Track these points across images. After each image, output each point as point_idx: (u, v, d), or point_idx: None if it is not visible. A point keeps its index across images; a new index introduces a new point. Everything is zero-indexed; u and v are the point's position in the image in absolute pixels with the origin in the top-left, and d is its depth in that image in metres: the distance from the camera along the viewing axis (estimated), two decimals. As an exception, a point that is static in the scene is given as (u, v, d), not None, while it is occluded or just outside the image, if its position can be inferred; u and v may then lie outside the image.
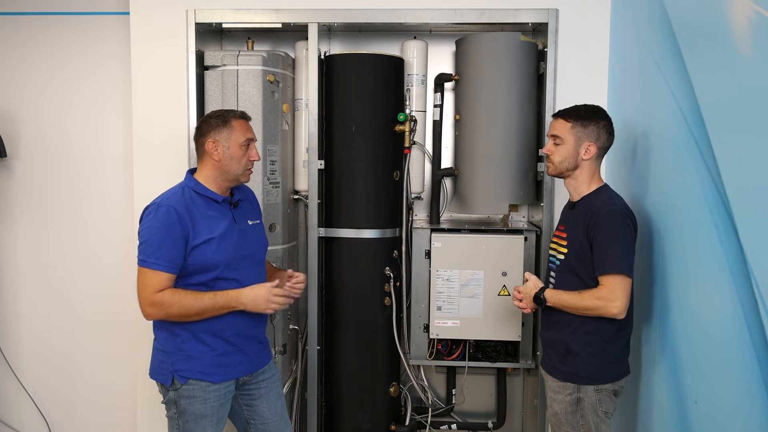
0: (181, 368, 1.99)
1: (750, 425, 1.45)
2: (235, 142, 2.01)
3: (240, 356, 2.06)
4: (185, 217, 1.93)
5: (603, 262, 1.94)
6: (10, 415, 3.19)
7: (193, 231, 1.94)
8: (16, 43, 3.03)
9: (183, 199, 1.98)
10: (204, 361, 1.99)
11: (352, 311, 2.69)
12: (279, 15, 2.63)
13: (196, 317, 1.95)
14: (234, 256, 2.01)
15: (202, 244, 1.95)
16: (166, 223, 1.91)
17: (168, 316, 1.94)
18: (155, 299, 1.91)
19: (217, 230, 1.98)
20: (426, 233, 2.72)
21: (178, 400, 2.00)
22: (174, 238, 1.91)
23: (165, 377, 2.00)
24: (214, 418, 2.02)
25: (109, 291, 3.09)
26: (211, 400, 2.01)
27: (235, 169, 2.03)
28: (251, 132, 2.07)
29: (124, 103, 2.96)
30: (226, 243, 1.99)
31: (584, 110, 2.05)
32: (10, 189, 3.10)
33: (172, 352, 2.00)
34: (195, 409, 1.99)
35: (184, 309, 1.92)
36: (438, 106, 2.83)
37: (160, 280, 1.91)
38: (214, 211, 2.02)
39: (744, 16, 1.50)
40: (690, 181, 1.78)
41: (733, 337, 1.52)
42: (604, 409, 2.01)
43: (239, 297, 1.97)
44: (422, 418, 2.87)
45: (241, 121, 2.05)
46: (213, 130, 2.02)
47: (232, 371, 2.05)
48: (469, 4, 2.60)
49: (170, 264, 1.92)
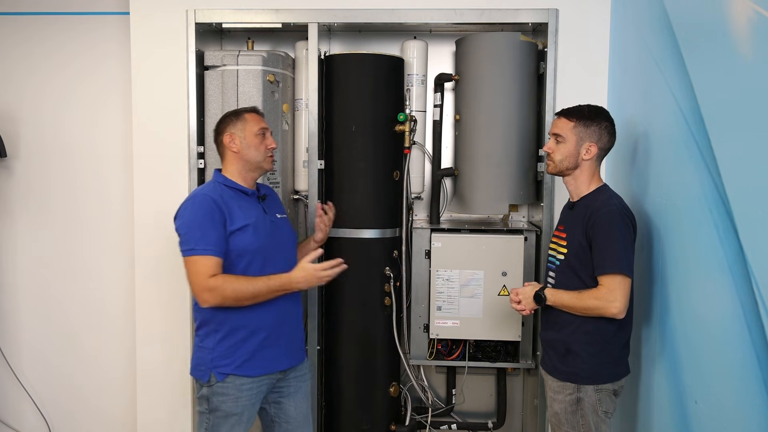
0: (220, 364, 2.04)
1: (750, 425, 1.45)
2: (250, 131, 2.12)
3: (277, 350, 2.12)
4: (221, 204, 2.03)
5: (602, 262, 1.94)
6: (10, 415, 3.19)
7: (230, 217, 2.03)
8: (15, 43, 3.03)
9: (215, 189, 2.08)
10: (244, 356, 2.05)
11: (352, 311, 2.69)
12: (279, 15, 2.63)
13: (250, 301, 2.01)
14: (269, 244, 2.10)
15: (239, 230, 2.03)
16: (205, 210, 2.00)
17: (224, 300, 1.98)
18: (210, 284, 1.96)
19: (251, 218, 2.07)
20: (426, 233, 2.72)
21: (211, 396, 2.05)
22: (215, 223, 2.00)
23: (203, 374, 2.06)
24: (244, 416, 2.07)
25: (109, 291, 3.09)
26: (243, 398, 2.05)
27: (255, 157, 2.12)
28: (264, 122, 2.18)
29: (123, 103, 2.96)
30: (261, 231, 2.08)
31: (587, 110, 2.06)
32: (9, 189, 3.10)
33: (213, 349, 2.06)
34: (226, 407, 2.04)
35: (240, 292, 1.98)
36: (438, 106, 2.83)
37: (211, 264, 1.97)
38: (245, 203, 2.11)
39: (744, 16, 1.50)
40: (690, 181, 1.78)
41: (733, 337, 1.52)
42: (604, 409, 2.01)
43: (291, 279, 2.05)
44: (422, 418, 2.88)
45: (253, 113, 2.17)
46: (228, 125, 2.14)
47: (271, 366, 2.11)
48: (469, 4, 2.60)
49: (217, 248, 1.99)
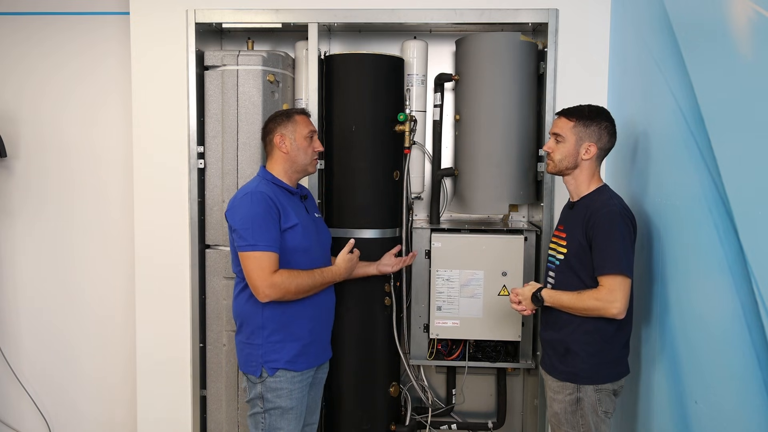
0: (270, 359, 2.11)
1: (750, 425, 1.45)
2: (300, 134, 2.19)
3: (318, 346, 2.23)
4: (276, 202, 2.09)
5: (602, 263, 1.94)
6: (10, 415, 3.19)
7: (283, 215, 2.09)
8: (15, 43, 3.03)
9: (268, 187, 2.13)
10: (291, 351, 2.12)
11: (352, 311, 2.69)
12: (279, 15, 2.63)
13: (306, 294, 2.12)
14: (314, 243, 2.20)
15: (290, 228, 2.10)
16: (264, 207, 2.06)
17: (286, 295, 2.07)
18: (274, 281, 2.04)
19: (299, 217, 2.14)
20: (426, 233, 2.72)
21: (265, 394, 2.12)
22: (273, 221, 2.07)
23: (254, 368, 2.12)
24: (298, 410, 2.16)
25: (109, 291, 3.09)
26: (296, 391, 2.14)
27: (303, 159, 2.20)
28: (313, 125, 2.25)
29: (123, 103, 2.96)
30: (307, 230, 2.16)
31: (588, 110, 2.06)
32: (9, 189, 3.10)
33: (261, 344, 2.12)
34: (282, 402, 2.12)
35: (301, 287, 2.08)
36: (438, 106, 2.83)
37: (272, 261, 2.05)
38: (292, 202, 2.18)
39: (744, 16, 1.50)
40: (690, 181, 1.78)
41: (733, 337, 1.52)
42: (603, 408, 2.01)
43: (340, 270, 2.22)
44: (422, 418, 2.87)
45: (303, 115, 2.24)
46: (279, 125, 2.18)
47: (314, 359, 2.21)
48: (469, 4, 2.60)
49: (276, 244, 2.07)
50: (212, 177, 2.67)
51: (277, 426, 2.13)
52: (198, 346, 2.73)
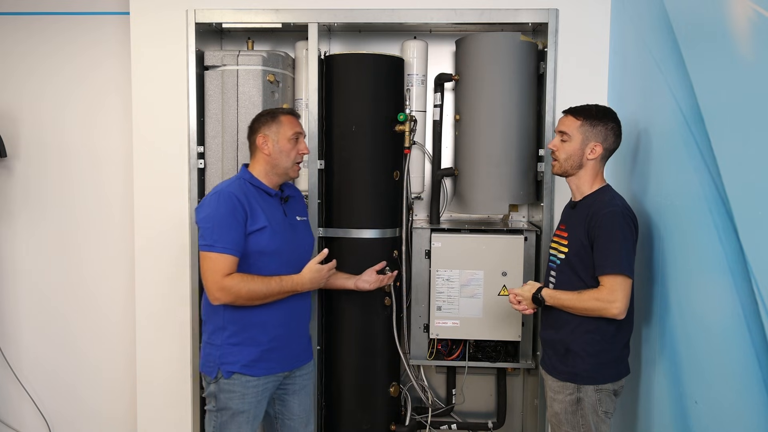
0: (227, 361, 2.06)
1: (750, 425, 1.45)
2: (284, 136, 2.12)
3: (284, 352, 2.14)
4: (244, 203, 2.04)
5: (603, 263, 1.94)
6: (10, 415, 3.19)
7: (251, 217, 2.04)
8: (15, 43, 3.03)
9: (240, 187, 2.08)
10: (250, 355, 2.07)
11: (352, 311, 2.69)
12: (279, 15, 2.63)
13: (261, 300, 2.04)
14: (286, 247, 2.11)
15: (257, 231, 2.04)
16: (229, 207, 2.01)
17: (236, 299, 2.01)
18: (225, 284, 1.99)
19: (272, 220, 2.08)
20: (426, 233, 2.72)
21: (218, 394, 2.07)
22: (237, 222, 2.01)
23: (210, 369, 2.08)
24: (251, 414, 2.09)
25: (109, 290, 3.09)
26: (250, 396, 2.07)
27: (284, 163, 2.13)
28: (299, 126, 2.18)
29: (123, 103, 2.96)
30: (279, 234, 2.10)
31: (595, 110, 2.06)
32: (9, 189, 3.10)
33: (220, 346, 2.08)
34: (233, 405, 2.06)
35: (253, 293, 2.01)
36: (438, 106, 2.83)
37: (227, 263, 2.00)
38: (267, 203, 2.12)
39: (744, 16, 1.50)
40: (690, 181, 1.78)
41: (733, 337, 1.52)
42: (604, 409, 2.01)
43: (302, 279, 2.10)
44: (422, 418, 2.87)
45: (289, 116, 2.17)
46: (263, 126, 2.13)
47: (276, 366, 2.13)
48: (469, 4, 2.60)
49: (235, 247, 2.01)
50: (212, 177, 2.67)
51: (227, 428, 2.08)
52: (198, 345, 2.72)
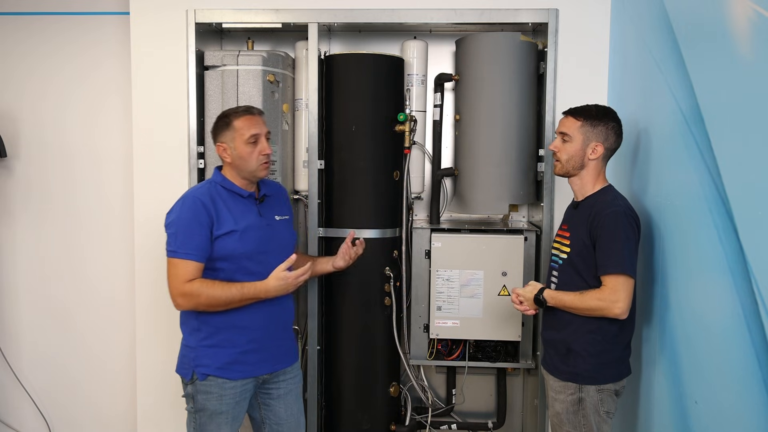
0: (201, 364, 2.04)
1: (750, 425, 1.45)
2: (240, 141, 2.04)
3: (262, 354, 2.09)
4: (210, 208, 2.01)
5: (606, 262, 1.94)
6: (10, 415, 3.19)
7: (217, 221, 2.01)
8: (15, 43, 3.03)
9: (209, 191, 2.05)
10: (225, 358, 2.03)
11: (352, 311, 2.69)
12: (279, 15, 2.63)
13: (223, 307, 2.00)
14: (257, 250, 2.06)
15: (225, 235, 2.01)
16: (193, 212, 1.99)
17: (197, 306, 1.99)
18: (185, 289, 1.97)
19: (241, 223, 2.04)
20: (426, 233, 2.72)
21: (196, 395, 2.05)
22: (201, 227, 1.98)
23: (186, 371, 2.06)
24: (230, 415, 2.06)
25: (109, 291, 3.09)
26: (228, 397, 2.04)
27: (249, 166, 2.06)
28: (257, 126, 2.07)
29: (123, 104, 2.96)
30: (249, 236, 2.05)
31: (595, 110, 2.06)
32: (10, 189, 3.10)
33: (195, 348, 2.06)
34: (211, 406, 2.04)
35: (213, 299, 1.98)
36: (438, 106, 2.83)
37: (189, 270, 1.97)
38: (240, 205, 2.08)
39: (744, 16, 1.50)
40: (690, 180, 1.78)
41: (733, 337, 1.52)
42: (605, 409, 2.01)
43: (266, 287, 2.02)
44: (422, 418, 2.87)
45: (243, 118, 2.06)
46: (220, 133, 2.08)
47: (253, 369, 2.08)
48: (469, 4, 2.60)
49: (199, 253, 1.98)
50: (212, 177, 2.67)
51: (206, 428, 2.05)
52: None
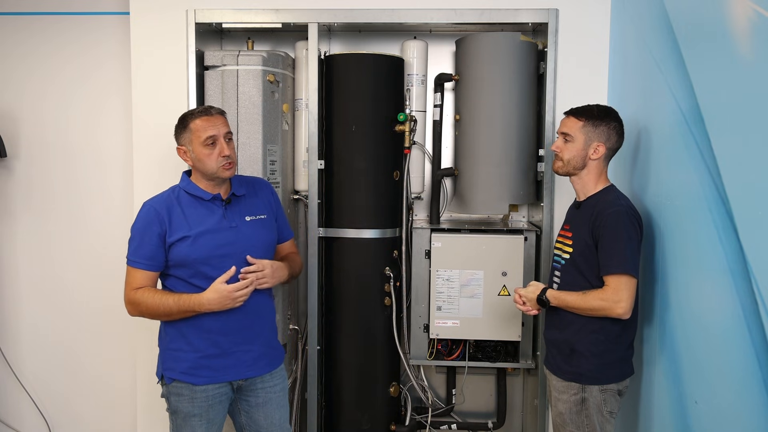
0: (167, 367, 2.03)
1: (750, 425, 1.45)
2: (197, 143, 1.98)
3: (229, 360, 2.02)
4: (163, 216, 1.97)
5: (608, 262, 1.94)
6: (10, 415, 3.19)
7: (169, 228, 1.97)
8: (16, 43, 3.03)
9: (168, 198, 2.02)
10: (188, 362, 2.00)
11: (352, 311, 2.69)
12: (279, 15, 2.63)
13: (165, 317, 1.99)
14: (214, 254, 1.98)
15: (177, 241, 1.97)
16: (145, 222, 1.98)
17: (142, 314, 2.00)
18: (130, 297, 1.98)
19: (196, 228, 1.98)
20: (426, 233, 2.72)
21: (169, 396, 2.05)
22: (152, 236, 1.96)
23: (158, 373, 2.07)
24: (204, 418, 2.02)
25: (109, 291, 3.08)
26: (199, 400, 2.01)
27: (210, 168, 1.99)
28: (215, 127, 1.98)
29: (124, 103, 2.96)
30: (205, 240, 1.98)
31: (597, 110, 2.06)
32: (10, 189, 3.10)
33: (163, 351, 2.06)
34: (183, 407, 2.02)
35: (152, 308, 1.96)
36: (438, 106, 2.83)
37: (138, 277, 1.97)
38: (203, 209, 2.02)
39: (744, 16, 1.50)
40: (690, 180, 1.78)
41: (733, 337, 1.52)
42: (608, 409, 2.01)
43: (201, 300, 1.92)
44: (422, 418, 2.87)
45: (199, 120, 1.98)
46: (179, 136, 2.04)
47: (219, 375, 2.02)
48: (469, 4, 2.60)
49: (148, 262, 1.97)
50: (212, 177, 2.67)
51: (182, 430, 2.03)
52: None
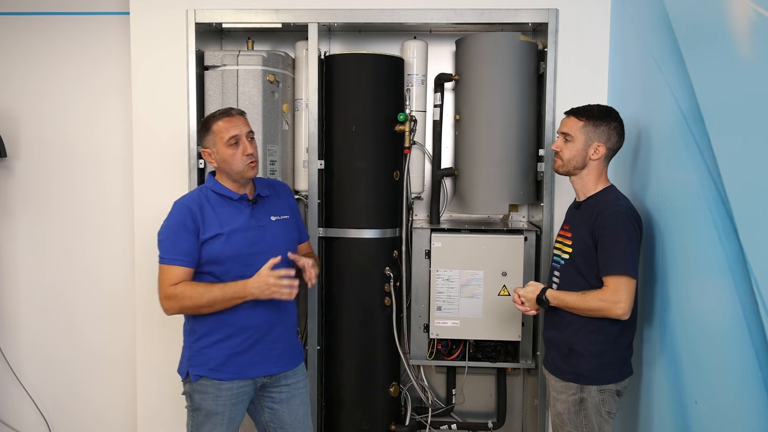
0: (194, 364, 2.05)
1: (750, 425, 1.45)
2: (221, 144, 2.03)
3: (256, 357, 2.07)
4: (196, 213, 2.02)
5: (608, 263, 1.94)
6: (10, 415, 3.19)
7: (203, 226, 2.02)
8: (16, 43, 3.03)
9: (198, 197, 2.07)
10: (216, 359, 2.04)
11: (352, 311, 2.69)
12: (279, 15, 2.63)
13: (208, 308, 2.00)
14: (246, 252, 2.04)
15: (211, 239, 2.01)
16: (179, 219, 2.01)
17: (182, 308, 2.00)
18: (169, 292, 1.98)
19: (227, 226, 2.04)
20: (426, 233, 2.72)
21: (192, 394, 2.06)
22: (187, 233, 2.00)
23: (182, 371, 2.09)
24: (226, 416, 2.06)
25: (109, 291, 3.09)
26: (223, 398, 2.04)
27: (235, 168, 2.04)
28: (237, 128, 2.04)
29: (124, 104, 2.96)
30: (237, 239, 2.04)
31: (597, 110, 2.06)
32: (9, 189, 3.10)
33: (189, 347, 2.08)
34: (207, 405, 2.04)
35: (195, 300, 1.98)
36: (438, 106, 2.83)
37: (175, 274, 1.99)
38: (231, 208, 2.08)
39: (744, 16, 1.50)
40: (690, 180, 1.78)
41: (733, 337, 1.52)
42: (607, 409, 2.01)
43: (246, 286, 1.98)
44: (422, 418, 2.87)
45: (221, 121, 2.04)
46: (203, 139, 2.09)
47: (246, 371, 2.07)
48: (469, 4, 2.60)
49: (185, 258, 1.99)
50: (212, 177, 2.68)
51: (202, 428, 2.05)
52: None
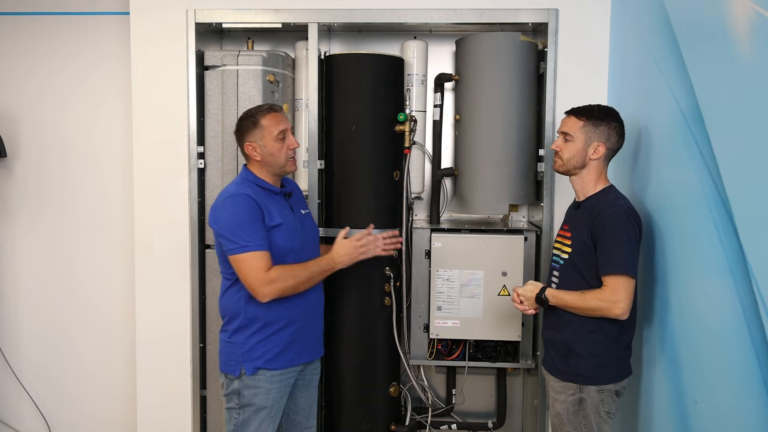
0: (250, 358, 2.09)
1: (750, 425, 1.45)
2: (269, 138, 2.11)
3: (304, 344, 2.19)
4: (259, 202, 2.07)
5: (607, 263, 1.93)
6: (10, 415, 3.19)
7: (268, 214, 2.07)
8: (15, 43, 3.03)
9: (249, 188, 2.11)
10: (274, 349, 2.10)
11: (352, 311, 2.69)
12: (279, 15, 2.63)
13: (306, 285, 2.11)
14: (299, 243, 2.15)
15: (275, 228, 2.08)
16: (248, 208, 2.05)
17: (284, 290, 2.05)
18: (270, 277, 2.02)
19: (283, 216, 2.11)
20: (426, 233, 2.72)
21: (243, 390, 2.10)
22: (259, 221, 2.05)
23: (234, 367, 2.11)
24: (273, 410, 2.13)
25: (109, 291, 3.09)
26: (274, 390, 2.11)
27: (278, 161, 2.13)
28: (283, 122, 2.15)
29: (123, 103, 2.96)
30: (291, 229, 2.13)
31: (597, 110, 2.06)
32: (9, 189, 3.10)
33: (242, 343, 2.10)
34: (258, 401, 2.09)
35: (298, 279, 2.07)
36: (438, 106, 2.83)
37: (266, 259, 2.04)
38: (275, 201, 2.14)
39: (744, 16, 1.50)
40: (690, 180, 1.78)
41: (733, 337, 1.52)
42: (606, 409, 2.01)
43: (334, 258, 2.18)
44: (422, 418, 2.87)
45: (269, 116, 2.13)
46: (247, 134, 2.13)
47: (297, 357, 2.16)
48: (469, 4, 2.60)
49: (266, 243, 2.05)
50: (212, 177, 2.68)
51: (249, 425, 2.10)
52: (198, 346, 2.73)
